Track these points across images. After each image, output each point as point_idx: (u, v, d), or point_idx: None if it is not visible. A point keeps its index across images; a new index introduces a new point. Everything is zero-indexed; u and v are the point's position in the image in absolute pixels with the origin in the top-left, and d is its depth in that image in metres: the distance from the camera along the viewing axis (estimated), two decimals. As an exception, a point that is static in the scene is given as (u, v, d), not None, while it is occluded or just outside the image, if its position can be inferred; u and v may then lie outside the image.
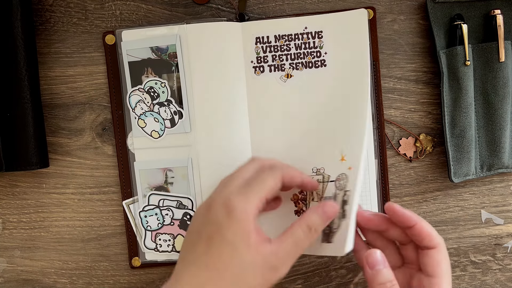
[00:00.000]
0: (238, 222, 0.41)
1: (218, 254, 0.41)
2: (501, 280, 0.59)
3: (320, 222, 0.44)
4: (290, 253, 0.43)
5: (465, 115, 0.55)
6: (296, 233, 0.43)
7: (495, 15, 0.55)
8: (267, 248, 0.42)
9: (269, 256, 0.41)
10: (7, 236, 0.59)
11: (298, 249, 0.43)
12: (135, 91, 0.55)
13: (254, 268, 0.41)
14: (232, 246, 0.41)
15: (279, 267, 0.42)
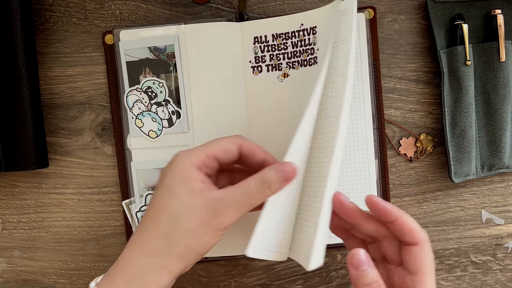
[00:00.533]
0: (177, 169, 0.43)
1: (158, 198, 0.43)
2: (502, 280, 0.59)
3: (275, 178, 0.43)
4: (237, 201, 0.42)
5: (465, 115, 0.55)
6: (248, 184, 0.43)
7: (495, 15, 0.55)
8: (212, 193, 0.42)
9: (212, 201, 0.42)
10: (6, 236, 0.59)
11: (248, 199, 0.42)
12: (132, 91, 0.55)
13: (193, 210, 0.42)
14: (170, 191, 0.42)
15: (222, 212, 0.41)
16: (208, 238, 0.42)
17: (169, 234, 0.42)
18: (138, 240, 0.43)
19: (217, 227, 0.42)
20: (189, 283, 0.59)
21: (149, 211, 0.44)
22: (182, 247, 0.42)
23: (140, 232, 0.43)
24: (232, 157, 0.46)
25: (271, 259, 0.46)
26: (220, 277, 0.59)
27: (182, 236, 0.42)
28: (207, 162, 0.44)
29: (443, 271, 0.59)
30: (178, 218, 0.42)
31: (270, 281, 0.59)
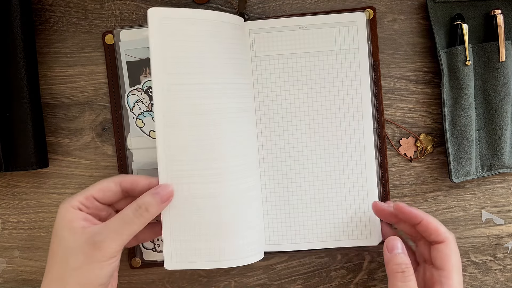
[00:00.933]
0: (60, 214, 0.46)
1: (51, 246, 0.47)
2: (502, 280, 0.59)
3: (152, 201, 0.47)
4: (116, 230, 0.45)
5: (465, 115, 0.55)
6: (124, 212, 0.46)
7: (495, 15, 0.55)
8: (93, 228, 0.45)
9: (92, 235, 0.45)
10: (6, 236, 0.59)
11: (126, 226, 0.45)
12: (133, 91, 0.55)
13: (76, 249, 0.44)
14: (56, 236, 0.46)
15: (101, 243, 0.44)
16: (96, 271, 0.45)
17: (62, 275, 0.45)
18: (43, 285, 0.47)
19: (100, 258, 0.44)
20: (189, 283, 0.59)
21: (48, 258, 0.47)
22: (74, 285, 0.45)
23: (44, 277, 0.47)
24: (112, 194, 0.49)
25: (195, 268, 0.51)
26: (220, 277, 0.59)
27: (72, 275, 0.45)
28: (86, 203, 0.47)
29: (443, 271, 0.59)
30: (66, 259, 0.45)
31: (270, 281, 0.59)
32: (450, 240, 0.49)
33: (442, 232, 0.49)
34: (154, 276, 0.59)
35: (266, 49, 0.55)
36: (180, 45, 0.48)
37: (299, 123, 0.55)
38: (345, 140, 0.55)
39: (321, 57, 0.55)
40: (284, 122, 0.55)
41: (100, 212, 0.49)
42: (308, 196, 0.55)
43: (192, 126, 0.49)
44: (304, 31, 0.55)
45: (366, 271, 0.59)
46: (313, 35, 0.55)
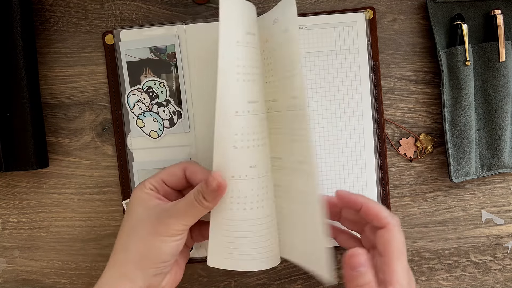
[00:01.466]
0: (135, 194, 0.49)
1: (123, 220, 0.49)
2: (502, 280, 0.59)
3: (205, 188, 0.46)
4: (181, 210, 0.47)
5: (465, 115, 0.55)
6: (189, 195, 0.47)
7: (495, 15, 0.55)
8: (162, 206, 0.48)
9: (162, 212, 0.47)
10: (6, 236, 0.59)
11: (189, 208, 0.47)
12: (133, 91, 0.55)
13: (146, 220, 0.47)
14: (129, 211, 0.49)
15: (167, 220, 0.46)
16: (158, 244, 0.46)
17: (126, 245, 0.47)
18: (110, 256, 0.49)
19: (164, 233, 0.46)
20: (189, 283, 0.59)
21: (118, 233, 0.49)
22: (136, 255, 0.46)
23: (112, 250, 0.49)
24: (177, 179, 0.51)
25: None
26: (220, 277, 0.59)
27: (136, 244, 0.47)
28: (157, 186, 0.50)
29: (443, 271, 0.59)
30: (133, 230, 0.47)
31: (270, 281, 0.59)
32: (392, 224, 0.47)
33: (383, 216, 0.47)
34: (154, 276, 0.59)
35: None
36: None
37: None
38: (345, 140, 0.55)
39: (321, 57, 0.55)
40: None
41: (169, 196, 0.51)
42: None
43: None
44: (304, 31, 0.55)
45: (366, 271, 0.59)
46: (313, 35, 0.55)
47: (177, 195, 0.52)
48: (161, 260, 0.47)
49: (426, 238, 0.59)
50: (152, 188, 0.49)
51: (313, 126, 0.55)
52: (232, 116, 0.46)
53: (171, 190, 0.51)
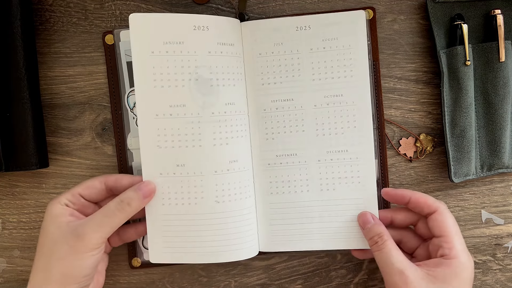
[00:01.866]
0: (48, 211, 0.49)
1: (39, 241, 0.49)
2: (501, 280, 0.59)
3: (134, 195, 0.49)
4: (98, 222, 0.47)
5: (465, 115, 0.55)
6: (107, 206, 0.49)
7: (495, 15, 0.55)
8: (77, 222, 0.48)
9: (76, 227, 0.47)
10: (6, 236, 0.59)
11: (108, 219, 0.48)
12: (133, 91, 0.55)
13: (61, 240, 0.47)
14: (43, 230, 0.48)
15: (84, 234, 0.46)
16: (79, 262, 0.47)
17: (46, 266, 0.47)
18: (30, 279, 0.48)
19: (83, 249, 0.47)
20: (189, 283, 0.59)
21: (35, 254, 0.49)
22: (58, 275, 0.46)
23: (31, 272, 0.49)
24: (97, 192, 0.51)
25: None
26: (220, 277, 0.59)
27: (56, 265, 0.47)
28: (72, 200, 0.50)
29: (443, 270, 0.59)
30: (51, 250, 0.47)
31: (270, 281, 0.59)
32: (442, 208, 0.50)
33: (431, 203, 0.50)
34: (154, 276, 0.59)
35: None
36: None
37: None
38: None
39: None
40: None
41: (86, 209, 0.51)
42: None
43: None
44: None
45: (366, 271, 0.59)
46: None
47: (94, 207, 0.52)
48: (82, 275, 0.47)
49: (426, 238, 0.59)
50: (66, 203, 0.49)
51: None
52: (152, 119, 0.52)
53: (88, 203, 0.51)
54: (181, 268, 0.59)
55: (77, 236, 0.46)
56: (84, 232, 0.47)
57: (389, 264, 0.48)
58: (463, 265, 0.48)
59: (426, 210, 0.51)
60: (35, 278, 0.48)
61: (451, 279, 0.47)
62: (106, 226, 0.48)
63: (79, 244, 0.46)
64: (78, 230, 0.47)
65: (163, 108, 0.52)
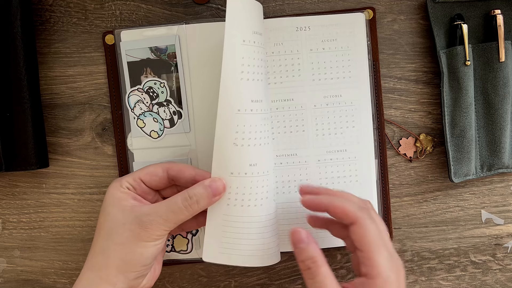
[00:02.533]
0: (109, 193, 0.48)
1: (98, 222, 0.48)
2: (501, 280, 0.59)
3: (204, 193, 0.47)
4: (162, 215, 0.46)
5: (465, 115, 0.55)
6: (173, 200, 0.47)
7: (495, 15, 0.55)
8: (142, 208, 0.46)
9: (139, 215, 0.46)
10: (6, 236, 0.59)
11: (174, 214, 0.46)
12: (134, 91, 0.55)
13: (124, 225, 0.46)
14: (104, 212, 0.47)
15: (148, 225, 0.45)
16: (139, 249, 0.46)
17: (105, 249, 0.46)
18: (86, 259, 0.48)
19: (145, 238, 0.45)
20: (189, 283, 0.59)
21: (94, 235, 0.48)
22: (117, 260, 0.45)
23: (89, 252, 0.48)
24: (159, 180, 0.50)
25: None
26: (220, 277, 0.59)
27: (116, 249, 0.46)
28: (134, 184, 0.49)
29: (443, 271, 0.59)
30: (111, 234, 0.46)
31: (270, 281, 0.59)
32: (362, 219, 0.44)
33: (349, 212, 0.45)
34: (154, 276, 0.59)
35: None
36: None
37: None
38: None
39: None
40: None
41: (146, 196, 0.50)
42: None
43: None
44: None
45: (366, 271, 0.59)
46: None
47: (154, 194, 0.51)
48: (142, 264, 0.46)
49: (426, 238, 0.59)
50: (128, 186, 0.48)
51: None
52: (234, 114, 0.47)
53: (148, 190, 0.50)
54: (181, 268, 0.59)
55: (141, 224, 0.45)
56: (148, 222, 0.45)
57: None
58: (386, 282, 0.43)
59: (346, 220, 0.45)
60: (93, 261, 0.47)
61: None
62: (171, 222, 0.46)
63: (143, 233, 0.45)
64: (142, 219, 0.45)
65: (245, 103, 0.48)
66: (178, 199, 0.46)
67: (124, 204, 0.47)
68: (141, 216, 0.46)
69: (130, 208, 0.46)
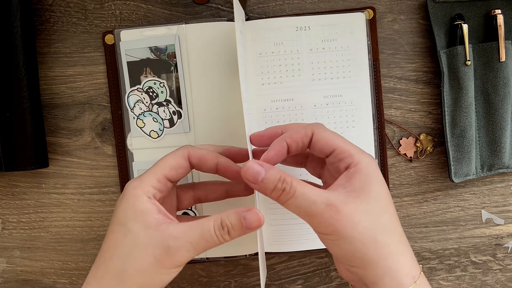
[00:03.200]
0: (129, 202, 0.41)
1: (112, 234, 0.41)
2: (502, 280, 0.59)
3: (237, 224, 0.41)
4: (192, 242, 0.40)
5: (465, 115, 0.55)
6: (207, 225, 0.41)
7: (495, 15, 0.55)
8: (169, 228, 0.40)
9: (168, 237, 0.40)
10: (6, 236, 0.59)
11: (204, 242, 0.40)
12: (133, 91, 0.55)
13: (146, 248, 0.40)
14: (123, 226, 0.41)
15: (175, 251, 0.40)
16: (161, 277, 0.41)
17: (122, 273, 0.40)
18: (94, 276, 0.42)
19: (170, 266, 0.40)
20: (189, 283, 0.59)
21: (104, 246, 0.42)
22: (134, 286, 0.40)
23: (96, 267, 0.42)
24: (184, 171, 0.45)
25: None
26: (220, 277, 0.59)
27: (135, 276, 0.40)
28: (159, 187, 0.43)
29: (443, 271, 0.59)
30: (131, 256, 0.40)
31: (270, 281, 0.59)
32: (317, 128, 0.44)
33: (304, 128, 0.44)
34: (154, 276, 0.59)
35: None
36: None
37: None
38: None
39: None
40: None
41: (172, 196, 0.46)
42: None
43: None
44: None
45: (366, 271, 0.59)
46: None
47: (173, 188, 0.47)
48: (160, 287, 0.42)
49: (426, 238, 0.59)
50: (155, 193, 0.42)
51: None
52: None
53: (172, 185, 0.46)
54: (181, 268, 0.59)
55: (167, 250, 0.39)
56: (176, 248, 0.40)
57: (310, 204, 0.40)
58: (370, 165, 0.42)
59: (305, 140, 0.43)
60: (105, 281, 0.40)
61: (369, 185, 0.41)
62: (200, 250, 0.40)
63: (168, 260, 0.40)
64: (169, 243, 0.39)
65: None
66: (211, 227, 0.41)
67: (149, 221, 0.40)
68: (168, 239, 0.40)
69: (155, 226, 0.40)
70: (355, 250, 0.40)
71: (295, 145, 0.44)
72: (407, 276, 0.40)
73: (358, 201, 0.41)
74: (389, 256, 0.40)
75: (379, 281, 0.40)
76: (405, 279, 0.40)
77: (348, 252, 0.41)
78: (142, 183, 0.42)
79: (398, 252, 0.41)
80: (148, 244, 0.40)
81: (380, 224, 0.41)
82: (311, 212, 0.40)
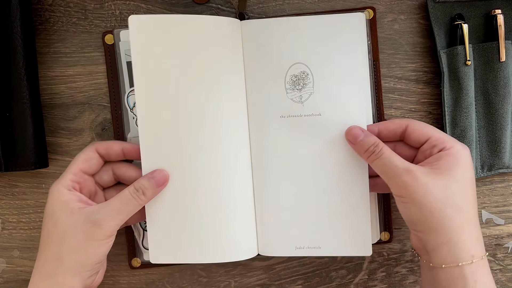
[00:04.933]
0: (53, 197, 0.48)
1: (45, 227, 0.48)
2: (502, 280, 0.59)
3: (148, 185, 0.49)
4: (115, 209, 0.47)
5: (465, 115, 0.55)
6: (123, 194, 0.48)
7: (495, 15, 0.55)
8: (91, 208, 0.47)
9: (91, 214, 0.46)
10: (6, 236, 0.59)
11: (125, 206, 0.48)
12: (133, 91, 0.55)
13: (75, 228, 0.46)
14: (51, 218, 0.47)
15: (101, 221, 0.46)
16: (95, 249, 0.47)
17: (59, 255, 0.46)
18: (36, 267, 0.48)
19: (100, 237, 0.46)
20: (189, 283, 0.59)
21: (41, 240, 0.49)
22: (73, 263, 0.46)
23: (37, 260, 0.48)
24: (96, 162, 0.51)
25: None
26: (220, 277, 0.59)
27: (71, 254, 0.46)
28: (76, 179, 0.49)
29: (443, 271, 0.59)
30: (63, 239, 0.46)
31: (270, 281, 0.59)
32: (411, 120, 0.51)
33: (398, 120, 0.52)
34: (154, 276, 0.59)
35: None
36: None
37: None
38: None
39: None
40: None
41: (90, 186, 0.51)
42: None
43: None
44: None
45: (366, 271, 0.59)
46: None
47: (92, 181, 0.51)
48: (97, 262, 0.48)
49: (426, 238, 0.58)
50: (73, 185, 0.49)
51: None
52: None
53: (90, 178, 0.51)
54: (181, 268, 0.59)
55: (94, 223, 0.46)
56: (101, 219, 0.46)
57: (393, 167, 0.47)
58: (462, 151, 0.48)
59: (397, 130, 0.51)
60: (46, 269, 0.47)
61: (455, 167, 0.47)
62: (123, 214, 0.48)
63: (96, 231, 0.46)
64: (94, 217, 0.46)
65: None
66: (126, 192, 0.48)
67: (72, 207, 0.47)
68: (92, 215, 0.46)
69: (78, 209, 0.47)
70: (422, 215, 0.46)
71: (386, 132, 0.52)
72: (467, 253, 0.45)
73: (439, 177, 0.46)
74: (452, 229, 0.45)
75: (438, 249, 0.45)
76: (464, 254, 0.45)
77: (416, 217, 0.46)
78: (61, 179, 0.48)
79: (463, 228, 0.45)
80: (76, 224, 0.46)
81: (453, 200, 0.46)
82: (391, 173, 0.47)
